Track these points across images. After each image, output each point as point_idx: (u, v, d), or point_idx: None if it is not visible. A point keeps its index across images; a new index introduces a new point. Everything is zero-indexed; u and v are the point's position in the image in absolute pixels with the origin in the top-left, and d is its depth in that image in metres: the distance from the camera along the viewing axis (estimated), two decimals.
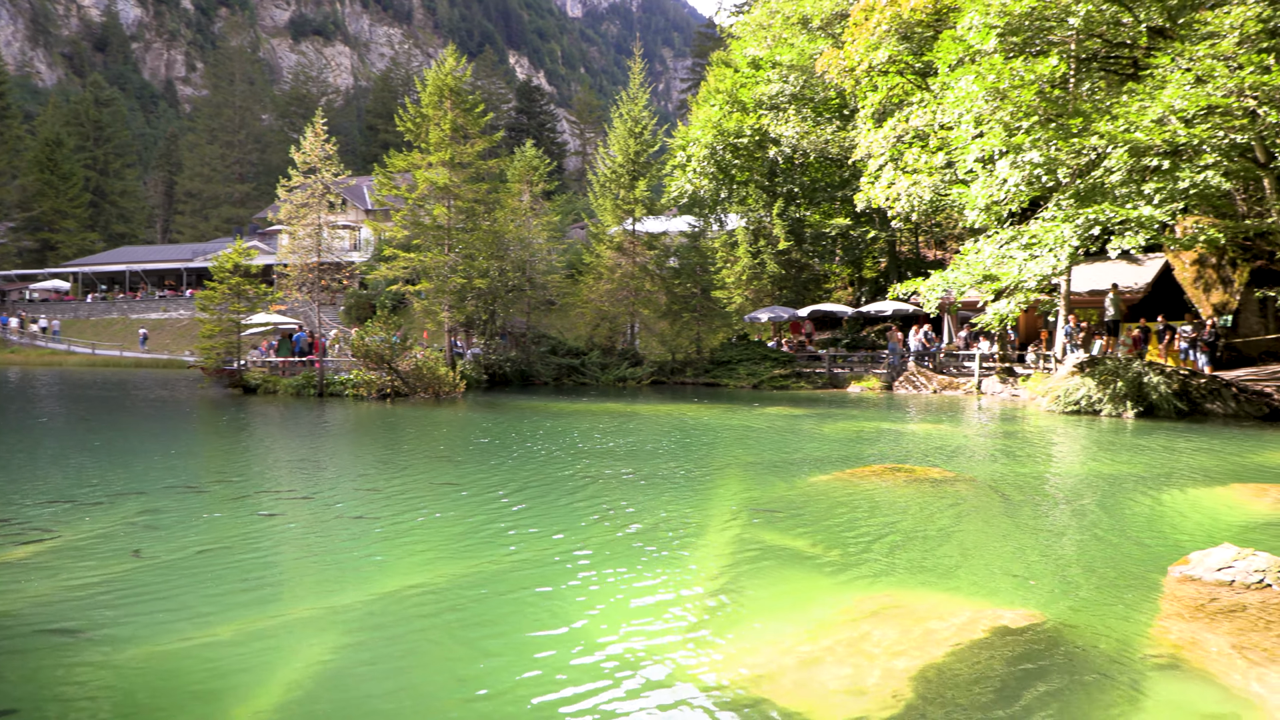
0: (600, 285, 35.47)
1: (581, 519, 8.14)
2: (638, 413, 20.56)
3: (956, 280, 22.81)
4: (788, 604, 5.55)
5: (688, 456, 12.85)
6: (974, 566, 6.50)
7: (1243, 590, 5.44)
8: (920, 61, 28.51)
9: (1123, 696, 4.08)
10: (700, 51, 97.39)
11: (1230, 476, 11.02)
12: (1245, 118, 18.31)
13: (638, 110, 36.14)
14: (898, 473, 10.83)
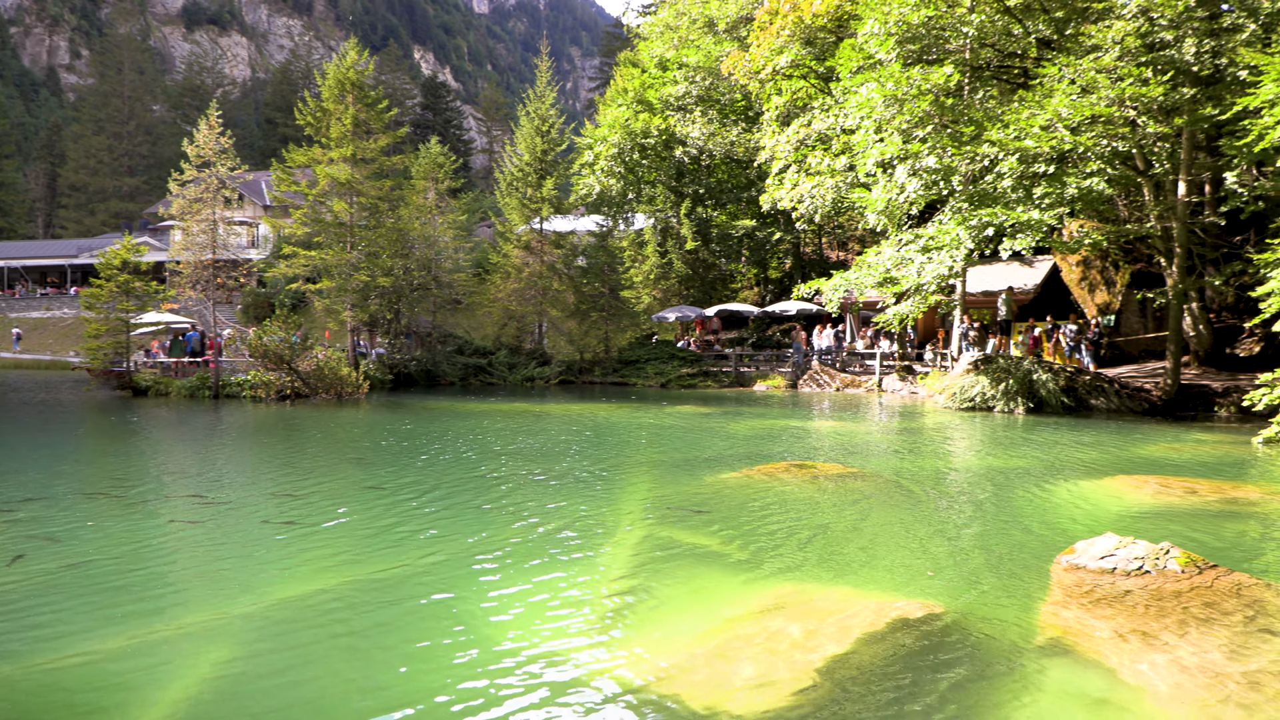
0: (507, 284, 35.20)
1: (490, 521, 8.07)
2: (546, 412, 20.48)
3: (858, 281, 23.38)
4: (696, 601, 5.60)
5: (597, 456, 12.86)
6: (876, 560, 6.68)
7: (1124, 577, 5.72)
8: (823, 66, 29.13)
9: (1015, 681, 4.25)
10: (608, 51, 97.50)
11: (1113, 469, 11.56)
12: (1126, 127, 19.23)
13: (545, 109, 35.98)
14: (803, 469, 11.04)
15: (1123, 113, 18.83)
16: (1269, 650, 4.53)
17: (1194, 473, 11.22)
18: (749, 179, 41.49)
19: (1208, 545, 7.01)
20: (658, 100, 42.28)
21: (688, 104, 41.73)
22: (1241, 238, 23.85)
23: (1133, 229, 23.42)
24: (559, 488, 9.84)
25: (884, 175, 22.35)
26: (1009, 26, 22.23)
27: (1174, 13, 18.26)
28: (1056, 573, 6.02)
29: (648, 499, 9.22)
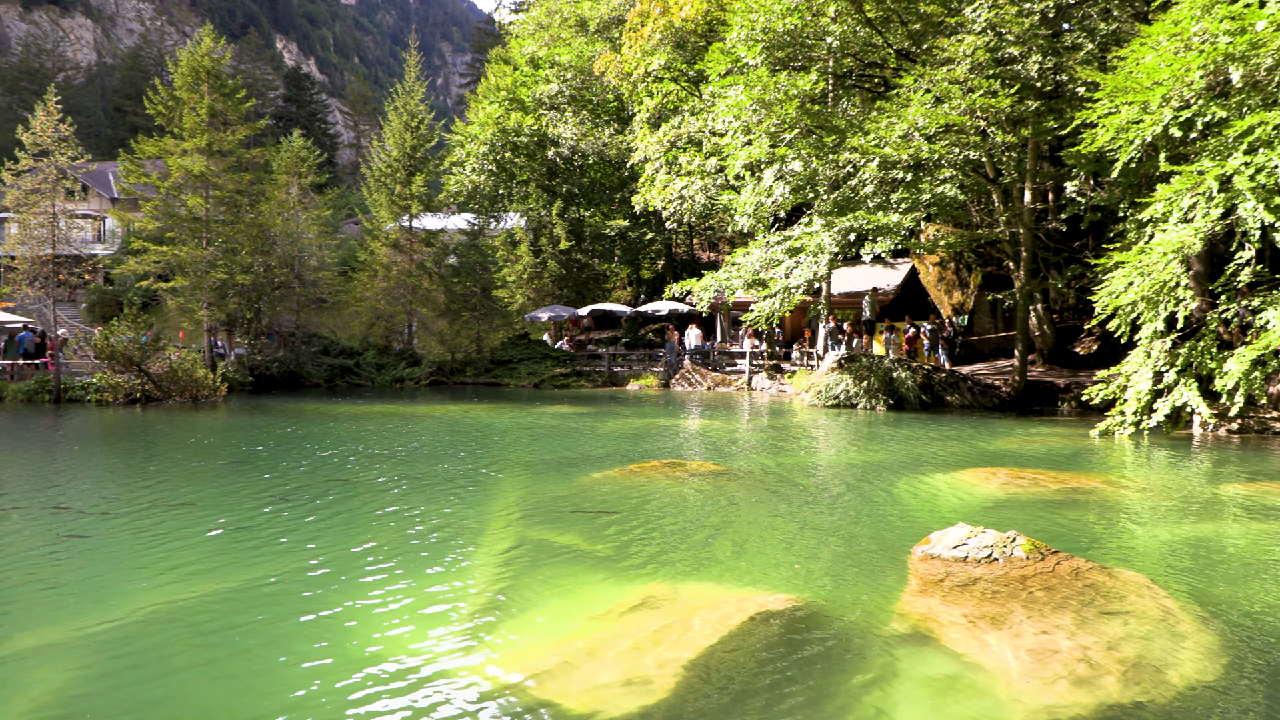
0: (376, 283, 34.31)
1: (356, 526, 7.84)
2: (417, 414, 20.06)
3: (728, 281, 23.82)
4: (567, 601, 5.59)
5: (468, 457, 12.68)
6: (744, 555, 6.82)
7: (975, 565, 6.02)
8: (693, 70, 29.55)
9: (873, 669, 4.41)
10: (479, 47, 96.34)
11: (966, 462, 12.15)
12: (977, 136, 20.25)
13: (414, 104, 35.23)
14: (674, 468, 11.18)
15: (974, 123, 19.81)
16: (1103, 629, 4.85)
17: (1039, 464, 11.90)
18: (622, 179, 41.75)
19: (1051, 532, 7.45)
20: (530, 99, 42.06)
21: (560, 103, 41.67)
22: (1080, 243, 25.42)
23: (984, 233, 24.68)
24: (429, 491, 9.66)
25: (752, 178, 22.86)
26: (870, 38, 23.06)
27: (1020, 30, 19.33)
28: (913, 562, 6.27)
29: (518, 500, 9.15)
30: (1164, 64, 13.63)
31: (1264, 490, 9.97)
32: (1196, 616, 5.16)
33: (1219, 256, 17.67)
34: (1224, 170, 12.72)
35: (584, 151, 40.80)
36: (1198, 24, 13.30)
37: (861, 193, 20.77)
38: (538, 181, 42.37)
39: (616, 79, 32.40)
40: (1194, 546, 7.16)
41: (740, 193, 23.31)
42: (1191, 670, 4.35)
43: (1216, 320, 15.46)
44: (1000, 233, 23.62)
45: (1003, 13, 19.27)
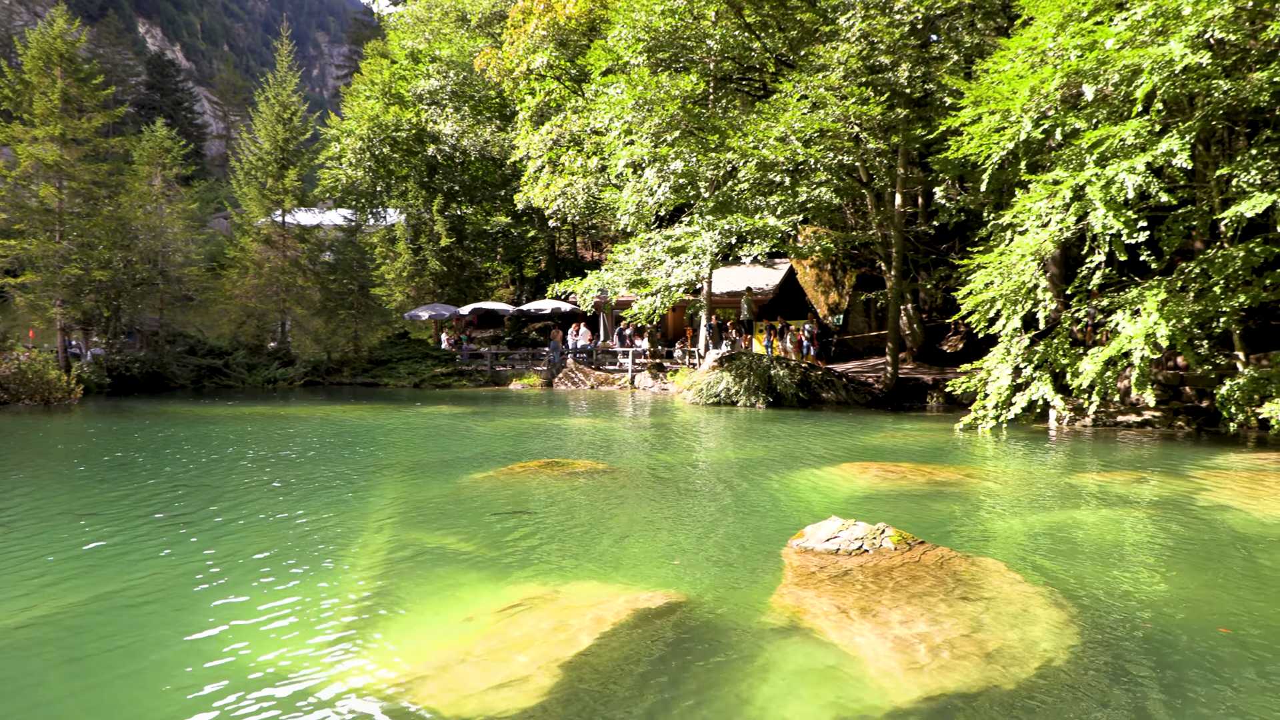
0: (246, 280, 33.02)
1: (224, 532, 7.51)
2: (290, 416, 19.39)
3: (611, 280, 23.90)
4: (444, 604, 5.49)
5: (343, 460, 12.32)
6: (624, 553, 6.84)
7: (846, 557, 6.20)
8: (576, 68, 29.50)
9: (748, 661, 4.48)
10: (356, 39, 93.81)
11: (840, 457, 12.52)
12: (851, 142, 20.89)
13: (286, 95, 34.04)
14: (555, 467, 11.13)
15: (848, 128, 20.44)
16: (964, 614, 5.06)
17: (908, 458, 12.35)
18: (504, 177, 41.36)
19: (917, 523, 7.73)
20: (409, 94, 41.21)
21: (441, 99, 40.99)
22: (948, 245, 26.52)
23: (857, 235, 25.49)
24: (303, 495, 9.34)
25: (634, 177, 23.00)
26: (749, 42, 23.51)
27: (891, 40, 20.03)
28: (788, 556, 6.41)
29: (395, 503, 8.94)
30: (1023, 76, 14.34)
31: (1113, 479, 10.60)
32: (1049, 599, 5.44)
33: (1073, 260, 18.72)
34: (1078, 180, 13.47)
35: (465, 148, 40.25)
36: (1053, 40, 14.03)
37: (740, 192, 21.15)
38: (417, 178, 41.55)
39: (498, 75, 32.10)
40: (1048, 533, 7.55)
41: (622, 191, 23.42)
42: (1044, 650, 4.58)
43: (1070, 320, 16.37)
44: (873, 235, 24.44)
45: (874, 23, 19.94)
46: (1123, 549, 7.02)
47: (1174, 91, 12.94)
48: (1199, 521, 8.02)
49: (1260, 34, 12.67)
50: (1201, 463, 12.06)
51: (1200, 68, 12.72)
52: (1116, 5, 13.69)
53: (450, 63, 40.55)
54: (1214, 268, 14.28)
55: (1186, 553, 6.89)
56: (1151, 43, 12.87)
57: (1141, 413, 17.09)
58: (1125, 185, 12.69)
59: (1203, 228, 15.63)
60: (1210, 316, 14.56)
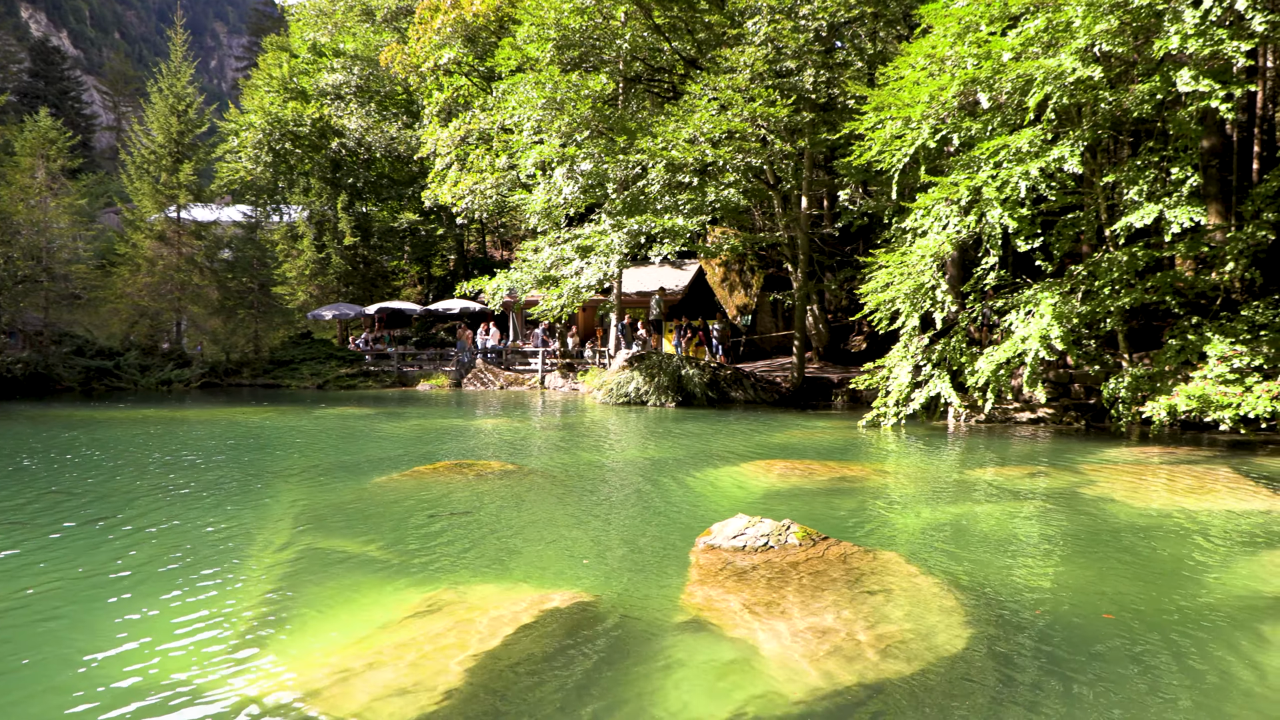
0: (139, 278, 31.66)
1: (117, 540, 7.17)
2: (187, 418, 18.69)
3: (520, 280, 23.75)
4: (347, 611, 5.36)
5: (244, 464, 11.93)
6: (533, 554, 6.79)
7: (752, 553, 6.28)
8: (484, 66, 29.23)
9: (655, 659, 4.50)
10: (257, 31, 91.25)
11: (748, 455, 12.68)
12: (758, 144, 21.18)
13: (181, 86, 32.77)
14: (464, 468, 10.99)
15: (755, 130, 20.72)
16: (865, 607, 5.18)
17: (813, 455, 12.60)
18: (411, 174, 40.70)
19: (822, 519, 7.89)
20: (312, 88, 40.19)
21: (344, 94, 40.10)
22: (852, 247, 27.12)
23: (765, 237, 25.86)
24: (200, 500, 9.00)
25: (544, 177, 22.91)
26: (658, 43, 23.64)
27: (796, 44, 20.38)
28: (695, 554, 6.46)
29: (298, 506, 8.69)
30: (922, 83, 14.77)
31: (1006, 474, 10.99)
32: (945, 590, 5.61)
33: (970, 262, 19.36)
34: (975, 183, 13.94)
35: (370, 144, 39.47)
36: (951, 49, 14.48)
37: (650, 193, 21.26)
38: (320, 174, 40.55)
39: (404, 71, 31.56)
40: (945, 527, 7.79)
41: (532, 191, 23.30)
42: (943, 639, 4.71)
43: (967, 319, 16.93)
44: (780, 236, 24.83)
45: (780, 28, 20.25)
46: (1015, 540, 7.29)
47: (1064, 102, 13.49)
48: (1085, 513, 8.37)
49: (1144, 49, 13.31)
50: (1089, 457, 12.60)
51: (1089, 80, 13.30)
52: (1011, 18, 14.20)
53: (355, 57, 39.69)
54: (1100, 271, 14.96)
55: (1074, 543, 7.19)
56: (1044, 54, 13.39)
57: (1034, 409, 17.78)
58: (1019, 186, 13.21)
59: (1090, 232, 16.35)
60: (1097, 317, 15.24)
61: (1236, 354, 13.43)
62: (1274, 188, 14.83)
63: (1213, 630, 5.00)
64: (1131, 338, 16.55)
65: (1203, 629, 5.01)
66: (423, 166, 36.95)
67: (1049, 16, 13.15)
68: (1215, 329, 14.15)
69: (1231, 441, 14.51)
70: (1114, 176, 14.53)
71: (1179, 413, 13.63)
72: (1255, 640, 4.85)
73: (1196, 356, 14.23)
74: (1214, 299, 16.44)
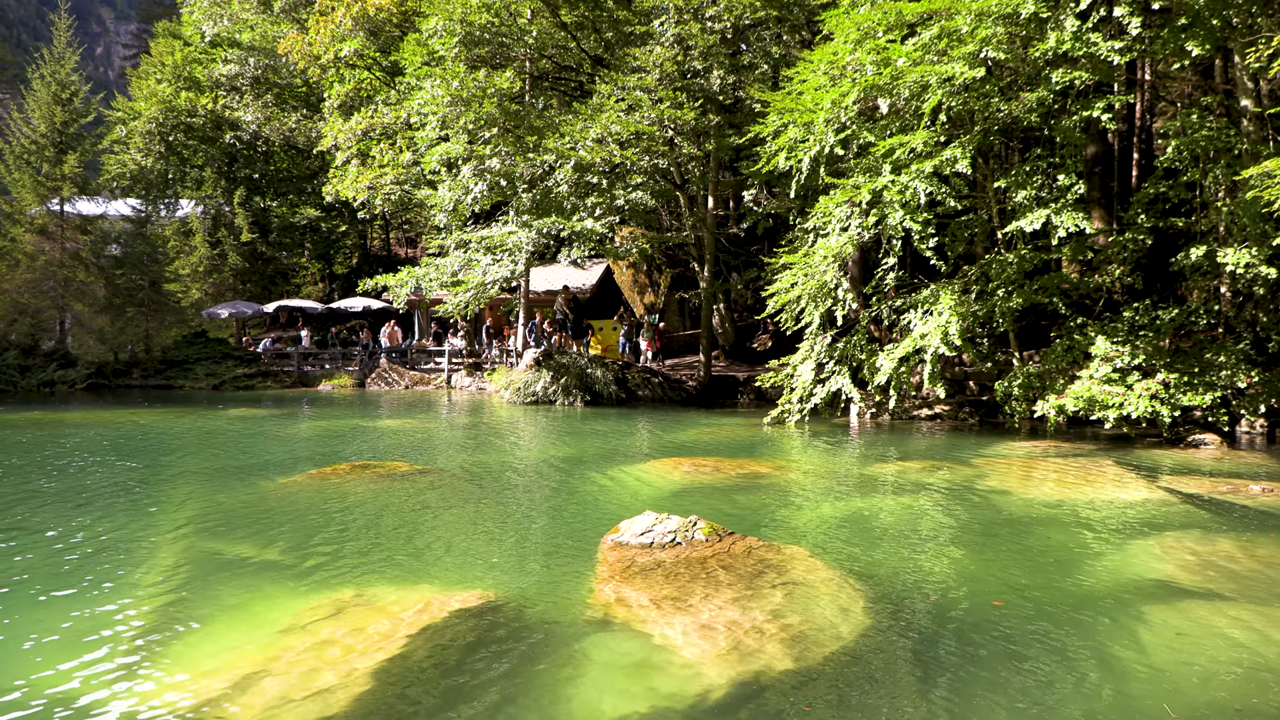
0: (18, 274, 30.06)
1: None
2: (71, 421, 17.83)
3: (425, 277, 23.41)
4: (245, 618, 5.19)
5: (133, 467, 11.43)
6: (438, 555, 6.70)
7: (660, 549, 6.31)
8: (388, 60, 28.70)
9: (562, 656, 4.48)
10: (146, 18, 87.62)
11: (656, 453, 12.75)
12: (666, 145, 21.31)
13: (65, 73, 31.28)
14: (367, 470, 10.77)
15: (662, 132, 20.85)
16: (769, 600, 5.26)
17: (720, 453, 12.74)
18: (311, 169, 39.67)
19: (728, 515, 7.98)
20: (205, 78, 38.82)
21: (240, 85, 38.84)
22: (758, 247, 27.53)
23: (672, 237, 26.05)
24: (85, 505, 8.59)
25: (450, 174, 22.62)
26: (565, 41, 23.57)
27: (704, 45, 20.59)
28: (603, 551, 6.47)
29: (190, 510, 8.38)
30: (824, 89, 15.09)
31: (907, 468, 11.32)
32: (846, 582, 5.74)
33: (871, 263, 19.87)
34: (876, 186, 14.32)
35: (268, 137, 38.32)
36: (852, 55, 14.83)
37: (558, 193, 21.19)
38: (215, 168, 39.19)
39: (304, 61, 30.73)
40: (847, 521, 7.98)
41: (437, 188, 22.98)
42: (844, 630, 4.83)
43: (868, 318, 17.37)
44: (687, 236, 25.05)
45: (688, 28, 20.43)
46: (914, 532, 7.50)
47: (957, 108, 13.97)
48: (980, 505, 8.68)
49: (1029, 52, 13.87)
50: (983, 452, 13.07)
51: (978, 85, 13.79)
52: (908, 26, 14.63)
53: (251, 49, 38.49)
54: (993, 272, 15.53)
55: (968, 534, 7.45)
56: (939, 61, 13.83)
57: (933, 406, 18.34)
58: (918, 191, 13.64)
59: (983, 234, 16.97)
60: (990, 316, 15.82)
61: (1119, 354, 14.12)
62: (1151, 194, 15.63)
63: (1098, 612, 5.24)
64: (1021, 337, 17.22)
65: (1089, 612, 5.25)
66: (324, 161, 36.02)
67: (943, 25, 13.59)
68: (1099, 329, 14.85)
69: (1114, 435, 15.24)
70: (1005, 181, 15.12)
71: (1068, 412, 14.26)
72: (1137, 620, 5.10)
73: (1083, 356, 14.91)
74: (1098, 300, 17.25)
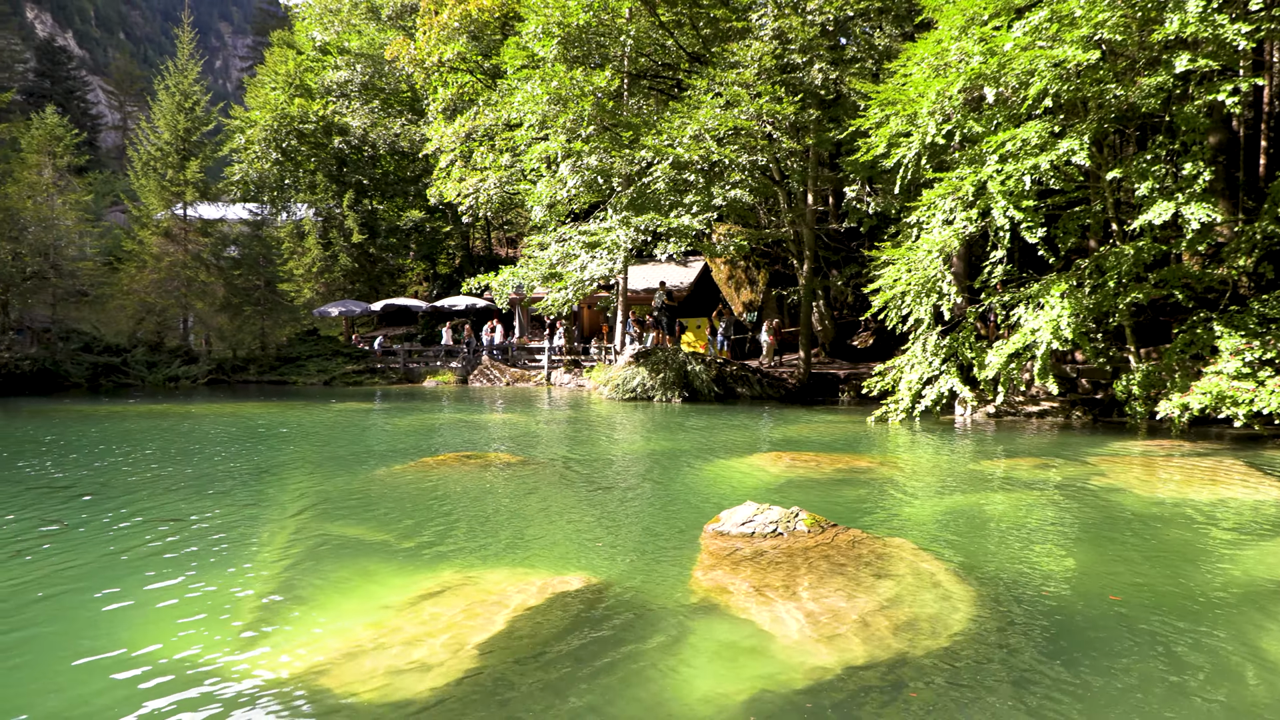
0: (145, 275, 31.78)
1: (124, 527, 7.18)
2: (193, 413, 18.73)
3: (525, 275, 23.78)
4: (353, 593, 5.37)
5: (251, 455, 11.94)
6: (540, 540, 6.80)
7: (760, 539, 6.28)
8: (489, 63, 29.26)
9: (664, 637, 4.50)
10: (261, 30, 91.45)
11: (755, 448, 12.68)
12: (764, 141, 21.15)
13: (187, 83, 32.88)
14: (471, 459, 11.01)
15: (761, 128, 20.69)
16: (875, 590, 5.18)
17: (821, 448, 12.58)
18: (416, 172, 40.76)
19: (830, 507, 7.89)
20: (317, 85, 40.26)
21: (350, 91, 40.15)
22: (858, 243, 27.09)
23: (770, 233, 25.84)
24: (208, 490, 9.03)
25: (548, 171, 22.94)
26: (663, 39, 23.63)
27: (804, 39, 20.36)
28: (704, 540, 6.47)
29: (304, 495, 8.72)
30: (929, 79, 14.75)
31: (1017, 465, 10.98)
32: (955, 575, 5.60)
33: (977, 257, 19.34)
34: (980, 177, 13.92)
35: (375, 141, 39.52)
36: (957, 43, 14.45)
37: (655, 190, 21.25)
38: (326, 171, 40.63)
39: (410, 65, 31.60)
40: (955, 516, 7.79)
41: (536, 185, 23.33)
42: (953, 621, 4.72)
43: (974, 314, 16.90)
44: (785, 233, 24.81)
45: (788, 22, 20.24)
46: (1024, 528, 7.28)
47: (1068, 94, 13.47)
48: (1095, 502, 8.37)
49: (1147, 39, 13.27)
50: (1098, 450, 12.58)
51: (1092, 70, 13.26)
52: (1015, 10, 14.17)
53: (359, 55, 39.76)
54: (1107, 265, 14.90)
55: (1083, 530, 7.18)
56: (1049, 47, 13.36)
57: (1040, 403, 17.75)
58: (1024, 180, 13.20)
59: (1096, 226, 16.32)
60: (1105, 311, 15.20)
61: (1249, 348, 13.38)
62: None
63: (1221, 612, 4.99)
64: (1137, 332, 16.51)
65: (1212, 611, 5.01)
66: (427, 164, 36.99)
67: (1053, 9, 13.12)
68: (1224, 323, 14.10)
69: (1241, 435, 14.47)
70: (1121, 171, 14.47)
71: (1193, 411, 13.58)
72: (1263, 622, 4.84)
73: (1208, 350, 14.19)
74: (1221, 293, 16.40)
